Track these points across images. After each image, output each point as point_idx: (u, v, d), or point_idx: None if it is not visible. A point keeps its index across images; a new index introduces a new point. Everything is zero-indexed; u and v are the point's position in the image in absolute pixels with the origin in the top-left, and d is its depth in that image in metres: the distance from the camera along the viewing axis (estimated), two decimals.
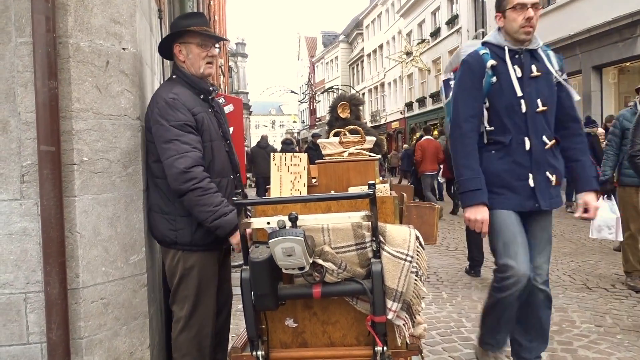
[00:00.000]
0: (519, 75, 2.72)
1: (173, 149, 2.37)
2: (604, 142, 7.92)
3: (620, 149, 5.15)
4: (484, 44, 2.85)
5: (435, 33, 27.94)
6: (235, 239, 2.38)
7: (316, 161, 2.69)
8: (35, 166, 2.20)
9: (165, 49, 2.68)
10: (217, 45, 3.12)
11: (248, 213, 2.61)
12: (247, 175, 15.62)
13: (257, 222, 2.12)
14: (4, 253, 2.23)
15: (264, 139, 14.51)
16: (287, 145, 14.08)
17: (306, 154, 2.53)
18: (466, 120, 2.73)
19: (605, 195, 5.36)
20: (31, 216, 2.24)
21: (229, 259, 2.83)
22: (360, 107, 4.96)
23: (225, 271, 2.79)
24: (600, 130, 9.73)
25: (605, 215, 5.37)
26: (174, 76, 2.63)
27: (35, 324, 2.26)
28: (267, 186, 2.62)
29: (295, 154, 2.53)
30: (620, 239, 5.32)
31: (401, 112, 33.88)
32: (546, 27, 16.08)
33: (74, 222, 2.28)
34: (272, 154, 2.56)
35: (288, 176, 2.47)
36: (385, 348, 2.07)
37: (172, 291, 2.61)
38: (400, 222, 2.41)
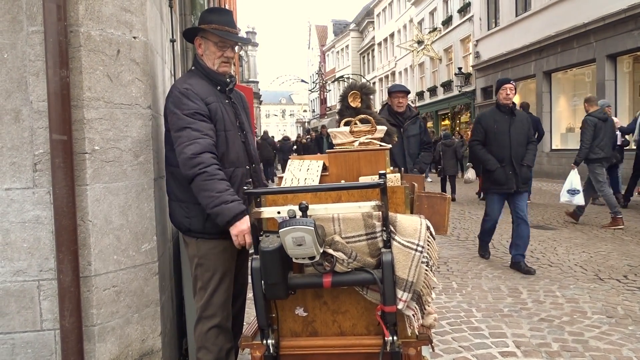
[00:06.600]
0: None
1: (184, 136, 2.38)
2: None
3: None
4: None
5: (447, 21, 27.61)
6: (236, 229, 2.32)
7: (326, 150, 2.68)
8: (47, 155, 2.22)
9: (191, 37, 2.71)
10: (239, 45, 3.12)
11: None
12: None
13: (268, 212, 2.12)
14: (17, 241, 2.25)
15: (265, 133, 22.92)
16: (285, 142, 21.09)
17: (322, 162, 2.55)
18: None
19: None
20: (44, 204, 2.26)
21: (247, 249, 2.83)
22: (371, 96, 4.91)
23: (242, 260, 2.78)
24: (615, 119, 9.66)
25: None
26: (193, 67, 2.69)
27: (48, 311, 2.29)
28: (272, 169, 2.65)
29: (310, 163, 2.56)
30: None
31: (412, 101, 33.68)
32: (560, 15, 15.91)
33: (86, 210, 2.30)
34: (289, 160, 2.63)
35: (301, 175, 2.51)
36: (395, 338, 2.07)
37: (192, 283, 2.64)
38: (411, 212, 2.40)
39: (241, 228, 2.32)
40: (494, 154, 5.49)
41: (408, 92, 5.77)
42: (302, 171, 2.51)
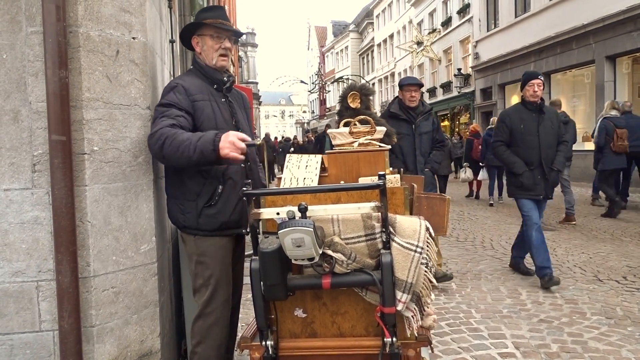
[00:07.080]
0: None
1: (154, 124, 2.41)
2: None
3: None
4: None
5: (447, 22, 27.61)
6: (224, 144, 2.23)
7: (326, 151, 2.68)
8: (46, 155, 2.22)
9: (187, 41, 2.73)
10: (240, 38, 3.15)
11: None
12: None
13: (267, 213, 2.12)
14: (16, 242, 2.25)
15: (267, 135, 24.25)
16: (286, 142, 21.50)
17: (320, 157, 2.54)
18: None
19: None
20: (42, 205, 2.25)
21: (242, 247, 2.84)
22: (371, 97, 4.90)
23: (236, 258, 2.79)
24: None
25: None
26: (192, 67, 2.72)
27: (47, 311, 2.29)
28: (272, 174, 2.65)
29: (309, 158, 2.55)
30: None
31: None
32: (559, 17, 15.91)
33: (85, 211, 2.30)
34: (287, 155, 2.62)
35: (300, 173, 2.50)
36: (394, 339, 2.07)
37: (192, 280, 2.65)
38: (411, 213, 2.40)
39: (226, 140, 2.24)
40: (520, 157, 4.94)
41: (421, 86, 5.39)
42: (300, 169, 2.50)
